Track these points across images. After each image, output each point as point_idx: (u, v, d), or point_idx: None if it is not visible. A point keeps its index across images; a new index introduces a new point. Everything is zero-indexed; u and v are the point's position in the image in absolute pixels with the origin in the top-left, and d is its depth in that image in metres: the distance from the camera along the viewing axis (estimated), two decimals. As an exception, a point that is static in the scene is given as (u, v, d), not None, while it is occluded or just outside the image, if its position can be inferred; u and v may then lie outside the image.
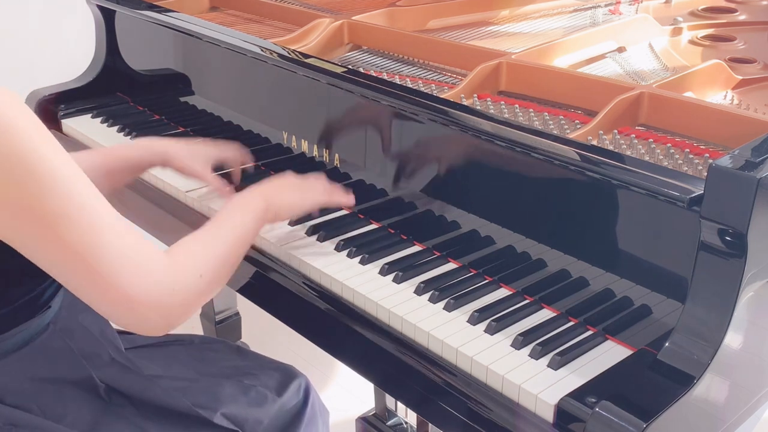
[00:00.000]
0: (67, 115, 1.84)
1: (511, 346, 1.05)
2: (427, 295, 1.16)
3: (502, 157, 1.17)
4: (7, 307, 1.03)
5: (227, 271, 1.07)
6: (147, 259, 0.94)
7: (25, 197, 0.86)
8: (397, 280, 1.20)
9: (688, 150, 1.15)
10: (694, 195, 0.95)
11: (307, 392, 1.27)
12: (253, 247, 1.34)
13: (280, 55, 1.46)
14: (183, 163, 1.37)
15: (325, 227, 1.33)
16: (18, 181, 0.85)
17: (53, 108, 1.85)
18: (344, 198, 1.29)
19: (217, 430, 1.14)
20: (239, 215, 1.12)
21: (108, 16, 1.89)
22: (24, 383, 1.05)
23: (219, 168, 1.46)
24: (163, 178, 1.53)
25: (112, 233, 0.91)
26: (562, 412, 0.95)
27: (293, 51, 1.49)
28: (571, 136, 1.15)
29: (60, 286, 1.09)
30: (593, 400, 0.92)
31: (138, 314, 0.94)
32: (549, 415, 0.95)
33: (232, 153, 1.46)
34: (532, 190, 1.16)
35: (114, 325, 1.18)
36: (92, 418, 1.08)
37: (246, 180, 1.50)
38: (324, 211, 1.39)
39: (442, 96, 1.28)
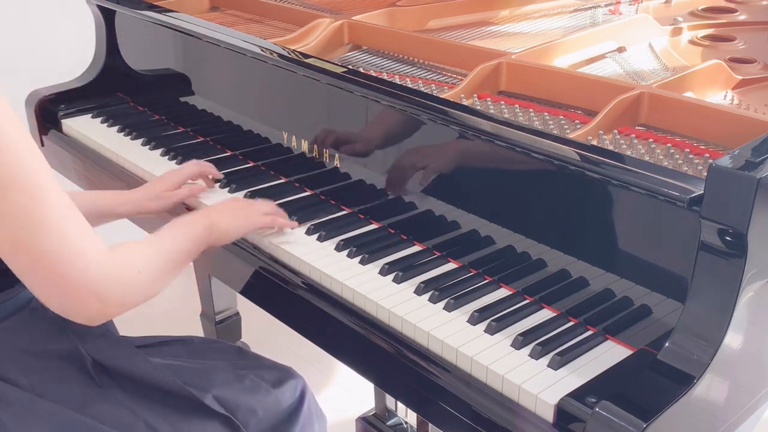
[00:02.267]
0: (67, 115, 1.84)
1: (511, 346, 1.05)
2: (427, 295, 1.16)
3: (502, 157, 1.17)
4: None
5: (166, 275, 1.09)
6: (87, 244, 0.95)
7: None
8: (397, 280, 1.20)
9: (688, 150, 1.15)
10: (694, 195, 0.95)
11: (303, 394, 1.27)
12: (253, 247, 1.34)
13: (280, 55, 1.46)
14: (152, 207, 1.41)
15: (325, 227, 1.33)
16: None
17: (53, 108, 1.85)
18: (287, 223, 1.33)
19: (208, 414, 1.13)
20: (183, 229, 1.16)
21: (108, 16, 1.89)
22: (13, 353, 1.05)
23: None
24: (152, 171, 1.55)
25: (57, 213, 0.93)
26: (562, 412, 0.95)
27: (293, 51, 1.49)
28: (571, 136, 1.15)
29: None
30: (593, 400, 0.92)
31: (74, 297, 0.95)
32: (549, 415, 0.95)
33: (191, 170, 1.46)
34: (532, 190, 1.16)
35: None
36: (81, 396, 1.08)
37: (247, 179, 1.50)
38: (324, 211, 1.39)
39: (442, 96, 1.28)
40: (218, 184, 1.50)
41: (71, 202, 0.96)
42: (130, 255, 1.03)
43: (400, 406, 1.81)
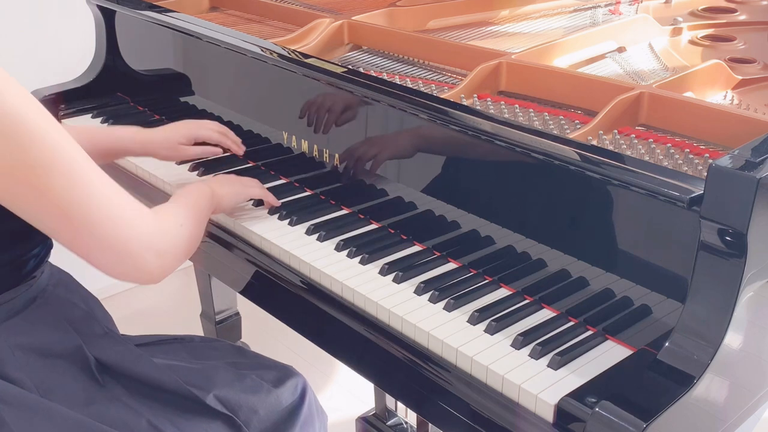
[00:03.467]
0: (67, 115, 1.84)
1: (511, 346, 1.05)
2: (427, 295, 1.16)
3: (502, 157, 1.17)
4: None
5: (198, 234, 1.17)
6: (134, 206, 1.02)
7: (16, 151, 0.91)
8: (397, 280, 1.20)
9: (688, 150, 1.15)
10: (694, 195, 0.95)
11: (304, 392, 1.27)
12: (254, 247, 1.34)
13: (280, 55, 1.46)
14: (162, 155, 1.47)
15: (325, 227, 1.33)
16: (8, 134, 0.90)
17: (53, 108, 1.85)
18: (273, 198, 1.41)
19: (210, 413, 1.14)
20: (194, 194, 1.24)
21: (108, 16, 1.89)
22: (15, 352, 1.06)
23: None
24: (152, 171, 1.58)
25: (99, 184, 0.98)
26: (562, 412, 0.95)
27: (293, 51, 1.49)
28: (571, 136, 1.15)
29: (44, 258, 1.13)
30: (593, 400, 0.92)
31: (135, 257, 1.01)
32: (549, 415, 0.95)
33: (208, 130, 1.49)
34: (532, 190, 1.16)
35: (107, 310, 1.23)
36: (85, 397, 1.08)
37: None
38: (324, 211, 1.39)
39: (442, 96, 1.28)
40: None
41: (104, 173, 1.00)
42: (169, 213, 1.11)
43: (400, 406, 1.81)
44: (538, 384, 0.98)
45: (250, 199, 1.42)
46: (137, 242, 1.00)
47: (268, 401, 1.20)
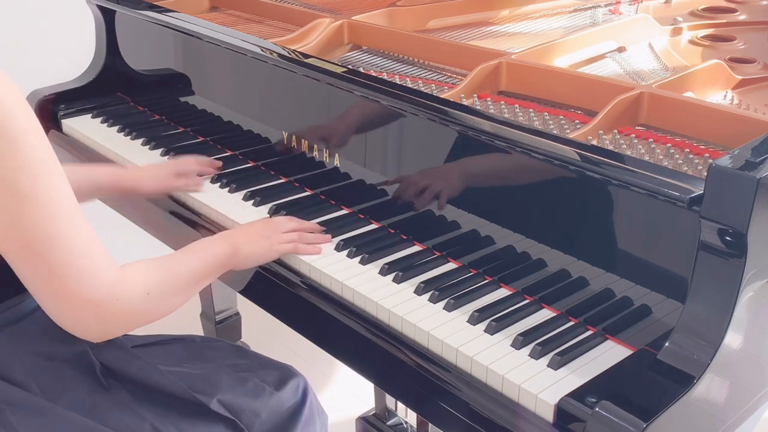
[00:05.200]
0: (67, 115, 1.84)
1: (511, 346, 1.05)
2: (427, 295, 1.16)
3: (502, 157, 1.17)
4: None
5: (177, 299, 1.10)
6: (98, 261, 0.96)
7: (4, 175, 0.89)
8: (397, 280, 1.20)
9: (688, 150, 1.15)
10: (694, 195, 0.95)
11: (305, 393, 1.27)
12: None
13: (280, 55, 1.46)
14: (149, 192, 1.47)
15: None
16: (3, 155, 0.89)
17: (53, 108, 1.85)
18: (311, 249, 1.28)
19: (213, 417, 1.14)
20: (202, 254, 1.17)
21: (108, 16, 1.89)
22: (22, 356, 1.06)
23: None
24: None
25: (71, 228, 0.94)
26: (562, 411, 0.95)
27: (293, 51, 1.49)
28: (571, 136, 1.15)
29: None
30: (593, 400, 0.92)
31: (77, 312, 0.97)
32: (549, 415, 0.95)
33: (191, 162, 1.51)
34: (532, 190, 1.16)
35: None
36: (90, 401, 1.08)
37: (247, 179, 1.50)
38: (324, 211, 1.39)
39: (442, 96, 1.28)
40: (218, 184, 1.50)
41: (86, 219, 0.97)
42: (140, 276, 1.03)
43: (400, 406, 1.81)
44: (538, 384, 0.98)
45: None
46: (85, 300, 0.95)
47: (270, 404, 1.21)
